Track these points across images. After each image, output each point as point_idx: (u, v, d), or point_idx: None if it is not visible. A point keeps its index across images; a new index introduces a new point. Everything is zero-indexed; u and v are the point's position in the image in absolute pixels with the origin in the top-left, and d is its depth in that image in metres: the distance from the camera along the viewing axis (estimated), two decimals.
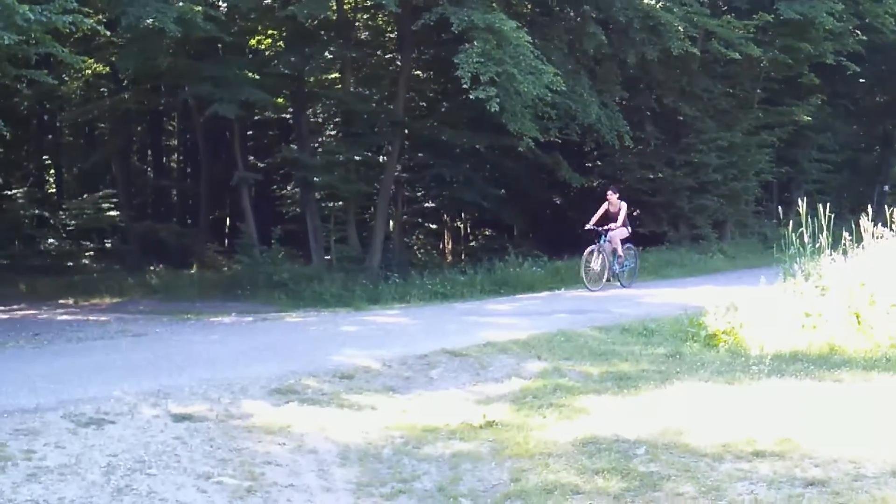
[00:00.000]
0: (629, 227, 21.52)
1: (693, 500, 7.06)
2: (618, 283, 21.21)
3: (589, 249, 20.61)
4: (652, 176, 32.41)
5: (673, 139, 32.50)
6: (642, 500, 7.11)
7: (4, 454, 7.62)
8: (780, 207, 21.08)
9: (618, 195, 21.54)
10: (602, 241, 20.79)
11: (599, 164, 34.57)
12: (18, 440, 7.96)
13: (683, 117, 32.02)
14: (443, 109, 32.53)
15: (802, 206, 13.60)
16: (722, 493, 7.13)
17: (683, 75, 31.26)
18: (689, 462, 7.72)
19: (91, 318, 19.19)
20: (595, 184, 33.53)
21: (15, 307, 22.70)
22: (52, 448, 7.87)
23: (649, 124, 31.99)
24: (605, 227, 20.90)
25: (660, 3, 26.55)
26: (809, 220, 13.68)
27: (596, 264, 20.59)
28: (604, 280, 20.68)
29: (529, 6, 29.57)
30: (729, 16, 29.87)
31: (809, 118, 34.48)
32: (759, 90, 34.16)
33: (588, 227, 21.17)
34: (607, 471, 7.61)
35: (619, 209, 21.18)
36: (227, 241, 38.09)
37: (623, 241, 21.30)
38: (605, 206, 21.33)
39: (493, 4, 23.65)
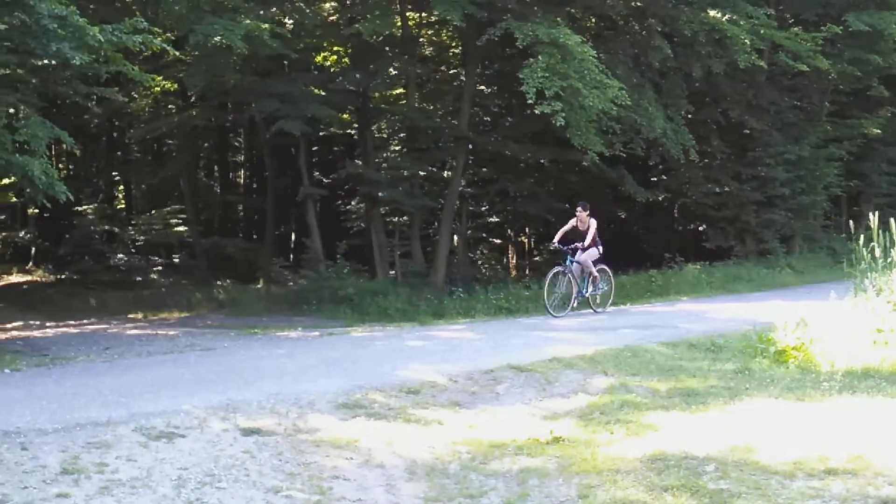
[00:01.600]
0: (600, 247, 19.66)
1: None
2: (590, 309, 19.61)
3: (554, 271, 19.08)
4: (718, 190, 32.12)
5: (739, 153, 32.17)
6: None
7: (77, 467, 7.73)
8: (849, 221, 20.60)
9: (587, 212, 19.62)
10: (568, 262, 19.12)
11: (664, 178, 34.32)
12: (91, 453, 8.08)
13: (750, 131, 31.70)
14: (507, 124, 32.56)
15: (873, 219, 13.37)
16: None
17: (750, 88, 30.96)
18: (759, 479, 7.62)
19: (160, 332, 19.40)
20: (661, 198, 33.40)
21: (85, 321, 23.04)
22: (123, 461, 7.97)
23: (715, 138, 31.71)
24: (573, 246, 19.20)
25: (726, 17, 26.30)
26: (880, 234, 13.45)
27: (562, 287, 18.93)
28: (571, 305, 19.14)
29: (594, 20, 29.54)
30: (796, 28, 29.49)
31: (879, 131, 33.90)
32: (827, 103, 33.75)
33: (553, 245, 19.86)
34: (676, 488, 7.53)
35: (588, 227, 19.29)
36: (292, 256, 38.41)
37: (595, 263, 19.58)
38: (572, 222, 19.64)
39: (558, 19, 23.62)
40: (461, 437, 9.22)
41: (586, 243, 19.07)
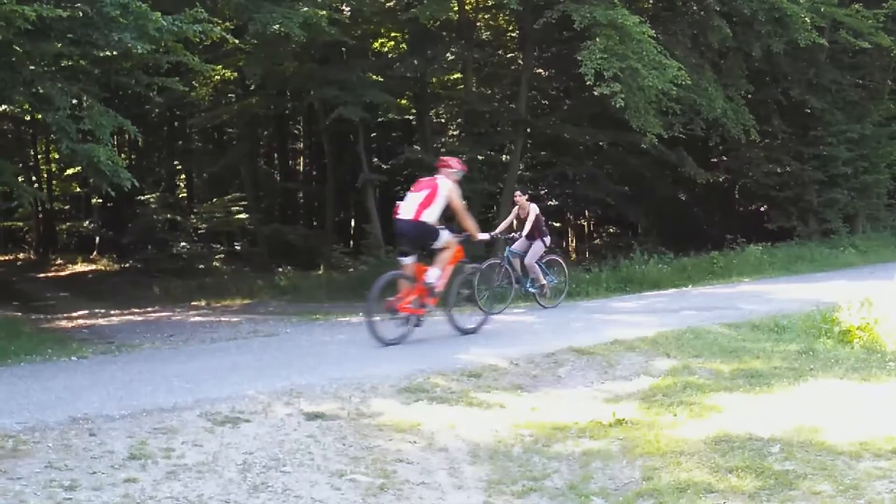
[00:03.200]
0: (546, 238, 17.44)
1: (831, 499, 6.90)
2: (538, 304, 17.64)
3: (488, 263, 16.78)
4: (780, 170, 31.79)
5: (801, 132, 31.79)
6: (778, 499, 6.98)
7: (144, 452, 7.83)
8: None
9: (527, 197, 17.67)
10: (507, 254, 17.26)
11: (725, 159, 34.02)
12: (157, 438, 8.18)
13: (811, 110, 31.29)
14: (565, 107, 32.46)
15: None
16: (861, 491, 6.96)
17: (811, 67, 30.53)
18: (825, 460, 7.55)
19: (223, 319, 19.58)
20: (721, 179, 33.11)
21: (149, 309, 23.34)
22: (189, 446, 8.06)
23: (776, 118, 31.35)
24: (510, 237, 17.43)
25: None
26: None
27: (496, 281, 16.60)
28: (508, 301, 17.09)
29: (652, 1, 29.28)
30: (857, 5, 29.03)
31: None
32: (889, 81, 33.18)
33: (491, 235, 17.18)
34: (741, 469, 7.48)
35: (528, 214, 17.17)
36: (352, 242, 38.60)
37: (542, 255, 17.56)
38: (514, 211, 17.67)
39: (615, 0, 23.46)
40: (523, 420, 9.23)
41: (524, 233, 17.12)
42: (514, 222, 17.70)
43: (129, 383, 10.27)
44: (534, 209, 17.13)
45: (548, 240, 17.47)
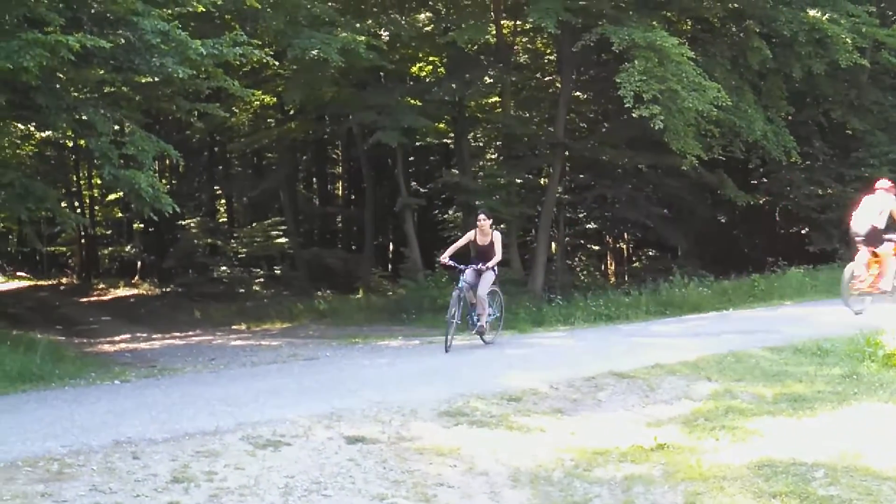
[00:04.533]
0: (495, 269, 15.59)
1: None
2: (479, 339, 15.72)
3: (454, 294, 15.23)
4: (821, 192, 31.53)
5: (842, 154, 31.54)
6: None
7: (187, 475, 7.88)
8: None
9: (491, 220, 15.69)
10: (462, 283, 15.12)
11: (765, 181, 33.80)
12: (200, 462, 8.22)
13: (852, 131, 31.06)
14: (603, 129, 32.42)
15: None
16: None
17: (852, 88, 30.34)
18: (870, 485, 7.49)
19: (263, 342, 19.68)
20: (762, 201, 32.88)
21: (190, 333, 23.49)
22: (231, 469, 8.09)
23: (817, 139, 31.14)
24: (475, 267, 15.26)
25: (826, 16, 25.82)
26: None
27: (458, 314, 14.99)
28: (471, 331, 15.60)
29: (690, 23, 29.23)
30: None
31: None
32: None
33: (443, 260, 15.64)
34: (785, 494, 7.43)
35: (493, 241, 15.33)
36: (390, 266, 38.71)
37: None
38: (471, 234, 15.73)
39: (654, 22, 23.45)
40: (564, 445, 9.19)
41: (490, 263, 15.17)
42: (473, 248, 15.85)
43: (171, 406, 10.33)
44: (498, 235, 15.43)
45: (496, 269, 15.62)
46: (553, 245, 31.15)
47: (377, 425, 9.48)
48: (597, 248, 37.25)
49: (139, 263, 46.22)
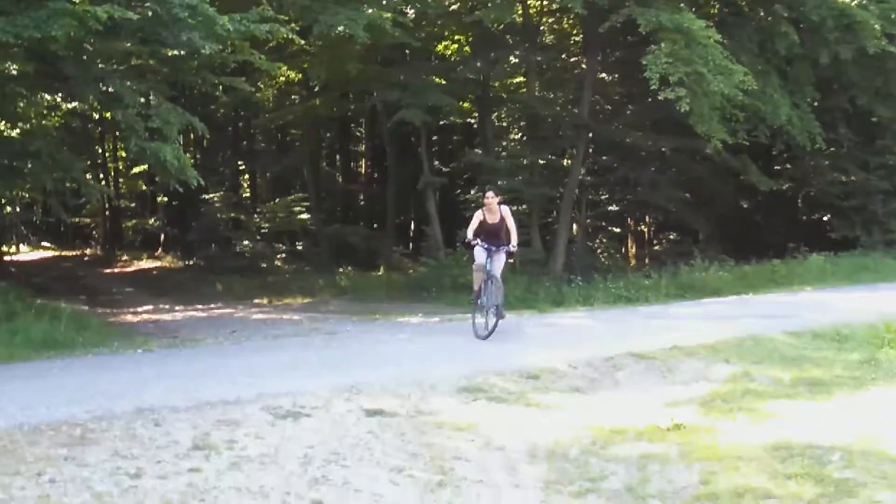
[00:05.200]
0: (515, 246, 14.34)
1: None
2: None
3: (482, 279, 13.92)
4: (844, 179, 31.40)
5: (867, 141, 31.34)
6: None
7: (208, 443, 7.99)
8: None
9: (499, 198, 14.44)
10: (487, 268, 13.84)
11: (789, 167, 33.69)
12: (221, 430, 8.33)
13: (878, 118, 30.87)
14: (628, 112, 32.30)
15: None
16: None
17: (879, 75, 30.04)
18: (887, 469, 7.50)
19: (284, 316, 19.79)
20: (785, 187, 32.75)
21: (212, 306, 23.61)
22: (252, 438, 8.20)
23: (842, 126, 30.93)
24: (501, 247, 14.01)
25: (854, 1, 25.65)
26: None
27: (491, 299, 13.76)
28: (494, 323, 13.62)
29: (718, 6, 29.10)
30: None
31: None
32: None
33: (468, 240, 14.28)
34: (800, 476, 7.47)
35: (503, 218, 14.12)
36: (411, 244, 38.76)
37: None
38: (479, 214, 14.25)
39: (681, 4, 23.36)
40: (581, 422, 9.26)
41: (514, 241, 14.04)
42: (482, 228, 14.25)
43: (193, 376, 10.46)
44: (507, 211, 14.21)
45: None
46: (574, 226, 31.09)
47: (396, 399, 9.57)
48: (618, 230, 37.16)
49: (162, 236, 46.43)
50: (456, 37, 30.43)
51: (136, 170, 45.23)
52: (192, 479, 7.22)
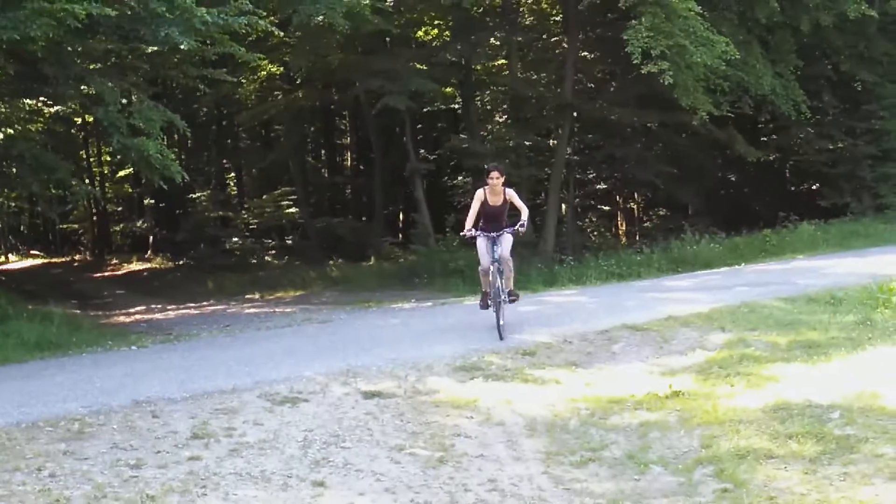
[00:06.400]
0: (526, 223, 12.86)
1: (894, 461, 6.86)
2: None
3: (495, 268, 12.34)
4: (831, 146, 31.38)
5: (852, 107, 31.35)
6: (839, 462, 6.96)
7: (207, 431, 7.99)
8: None
9: (504, 178, 12.70)
10: (495, 254, 12.36)
11: (775, 137, 33.64)
12: (219, 418, 8.34)
13: (862, 84, 30.86)
14: (612, 89, 32.23)
15: None
16: None
17: (861, 40, 30.01)
18: (886, 424, 7.53)
19: (277, 309, 19.78)
20: (772, 157, 32.77)
21: (205, 303, 23.59)
22: (250, 425, 8.21)
23: (826, 93, 30.91)
24: (509, 230, 12.58)
25: None
26: None
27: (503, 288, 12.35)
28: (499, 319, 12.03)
29: None
30: None
31: None
32: None
33: (468, 233, 12.43)
34: (801, 435, 7.48)
35: (508, 199, 12.61)
36: (401, 234, 38.69)
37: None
38: (480, 195, 12.57)
39: None
40: (579, 395, 9.27)
41: (525, 218, 12.58)
42: (482, 211, 12.61)
43: (188, 368, 10.45)
44: (512, 193, 12.74)
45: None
46: (563, 206, 31.07)
47: (393, 380, 9.58)
48: (607, 208, 37.13)
49: (151, 238, 46.26)
50: (436, 21, 30.32)
51: (121, 173, 45.09)
52: (192, 467, 7.22)
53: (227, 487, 6.87)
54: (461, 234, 13.03)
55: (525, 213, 12.60)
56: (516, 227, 12.47)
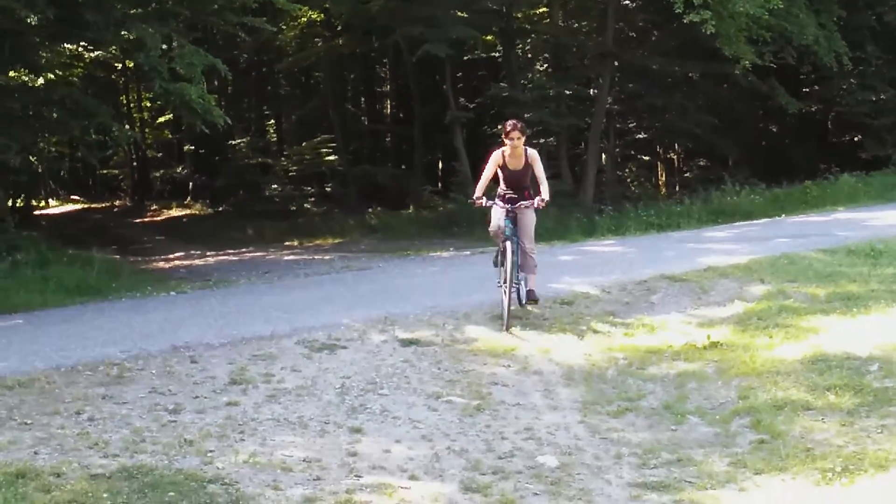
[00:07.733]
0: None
1: None
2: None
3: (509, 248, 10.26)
4: (874, 97, 30.87)
5: (895, 58, 30.84)
6: (877, 415, 6.93)
7: (245, 377, 8.06)
8: None
9: (525, 137, 10.83)
10: (508, 230, 10.33)
11: (817, 88, 33.17)
12: (257, 364, 8.41)
13: None
14: (653, 38, 31.90)
15: None
16: None
17: None
18: None
19: (316, 257, 19.83)
20: (813, 109, 32.33)
21: (244, 250, 23.68)
22: (288, 371, 8.27)
23: (869, 44, 30.35)
24: (521, 204, 10.50)
25: None
26: None
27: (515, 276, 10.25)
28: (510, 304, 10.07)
29: None
30: None
31: None
32: None
33: (478, 200, 10.64)
34: (839, 387, 7.45)
35: (531, 162, 10.65)
36: (440, 183, 38.61)
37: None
38: (497, 156, 10.75)
39: None
40: (617, 345, 9.27)
41: (545, 193, 10.55)
42: (501, 175, 10.82)
43: (227, 314, 10.52)
44: (535, 156, 10.80)
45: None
46: (603, 156, 30.91)
47: (431, 329, 9.61)
48: (647, 158, 36.85)
49: (191, 184, 46.42)
50: None
51: (161, 119, 45.17)
52: (230, 413, 7.29)
53: (264, 433, 6.94)
54: (469, 200, 11.39)
55: (545, 187, 10.55)
56: (536, 201, 10.40)
